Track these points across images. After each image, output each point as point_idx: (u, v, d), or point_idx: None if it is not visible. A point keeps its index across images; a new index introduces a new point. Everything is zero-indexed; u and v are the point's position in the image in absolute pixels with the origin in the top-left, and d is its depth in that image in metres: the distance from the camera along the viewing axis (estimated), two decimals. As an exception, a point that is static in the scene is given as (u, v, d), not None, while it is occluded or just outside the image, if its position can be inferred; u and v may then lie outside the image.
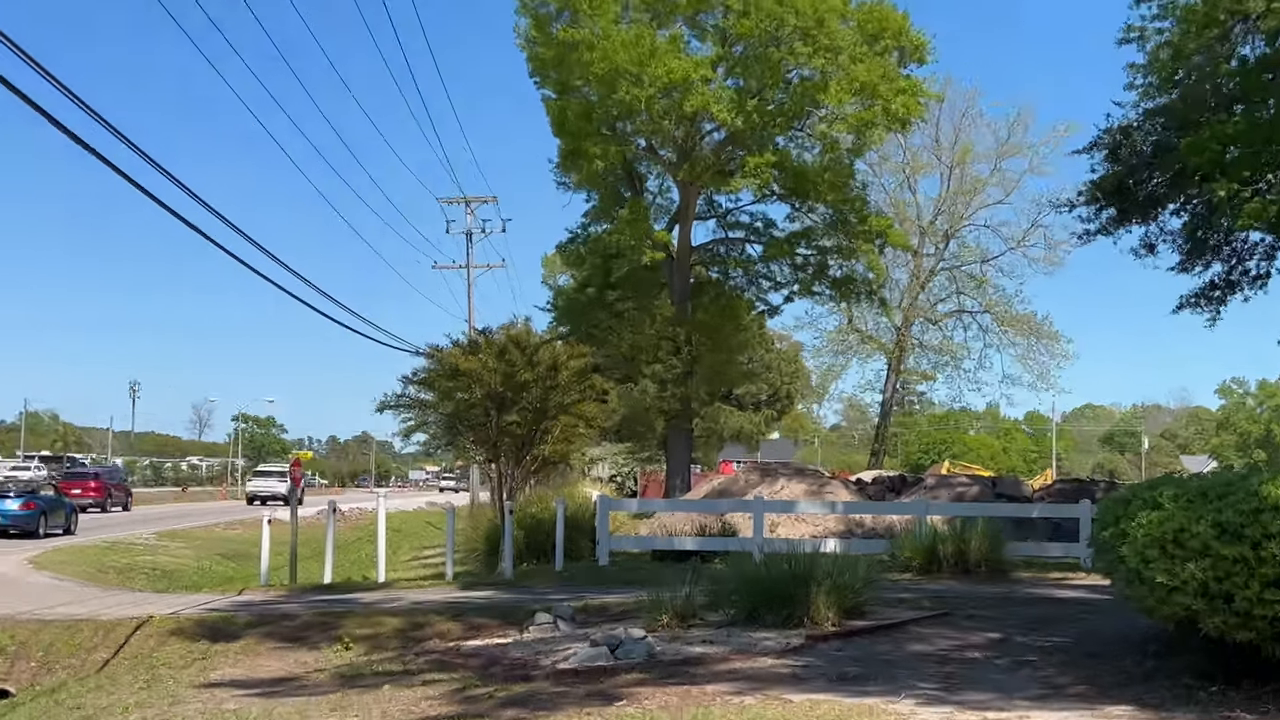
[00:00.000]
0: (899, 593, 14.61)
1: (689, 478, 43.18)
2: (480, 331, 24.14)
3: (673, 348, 42.13)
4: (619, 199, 41.49)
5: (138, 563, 28.35)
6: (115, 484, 55.94)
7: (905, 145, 58.06)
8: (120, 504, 53.35)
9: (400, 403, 23.63)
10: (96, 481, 52.49)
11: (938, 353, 62.56)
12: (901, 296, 60.35)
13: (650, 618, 12.08)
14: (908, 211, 59.81)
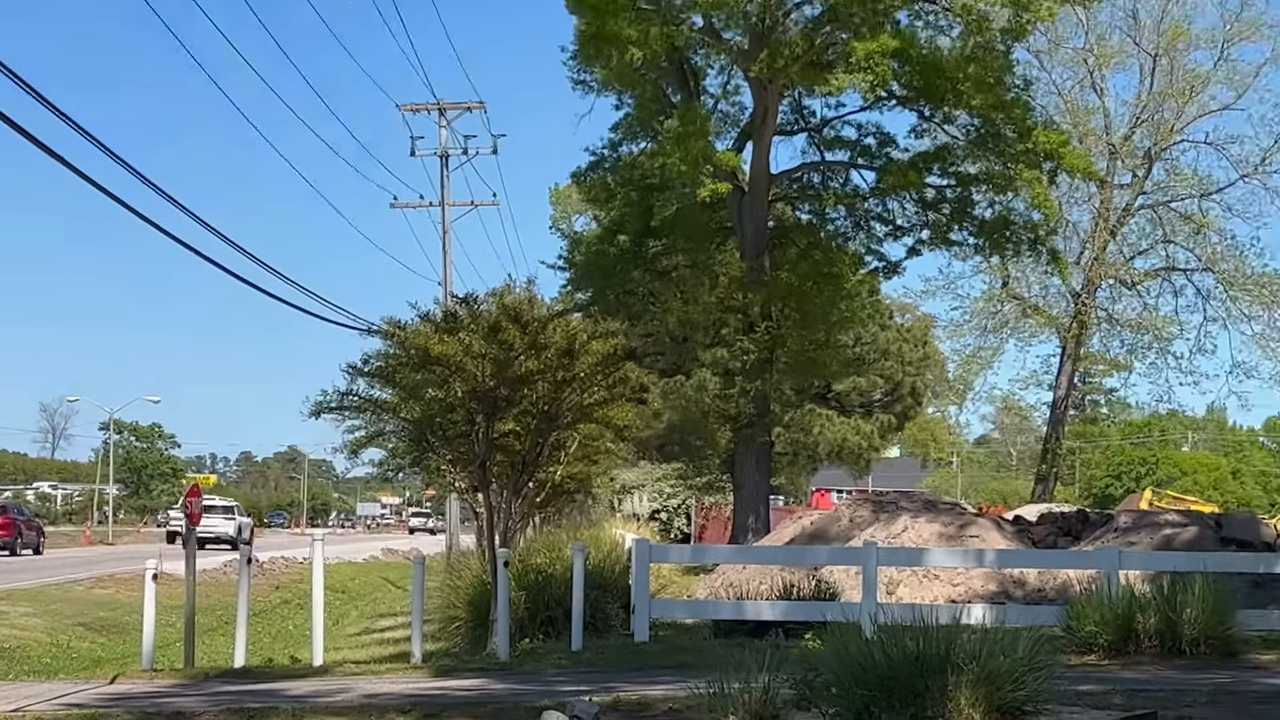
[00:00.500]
0: (1078, 683, 14.52)
1: (767, 514, 43.16)
2: (461, 300, 24.02)
3: (743, 323, 42.07)
4: (664, 105, 41.42)
5: (-36, 636, 28.65)
6: (25, 520, 59.48)
7: (1087, 24, 57.75)
8: (31, 546, 56.40)
9: (345, 404, 23.63)
10: (4, 518, 56.22)
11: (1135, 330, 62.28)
12: (1082, 248, 60.08)
13: (711, 719, 12.06)
14: (1092, 123, 59.51)
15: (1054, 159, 40.70)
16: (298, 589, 47.43)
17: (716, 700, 12.19)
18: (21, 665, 25.94)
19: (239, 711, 14.31)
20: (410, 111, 54.08)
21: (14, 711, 14.71)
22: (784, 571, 24.21)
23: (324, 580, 21.35)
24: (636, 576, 21.69)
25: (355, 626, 38.41)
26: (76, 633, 32.54)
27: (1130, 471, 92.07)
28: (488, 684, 16.58)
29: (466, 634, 23.38)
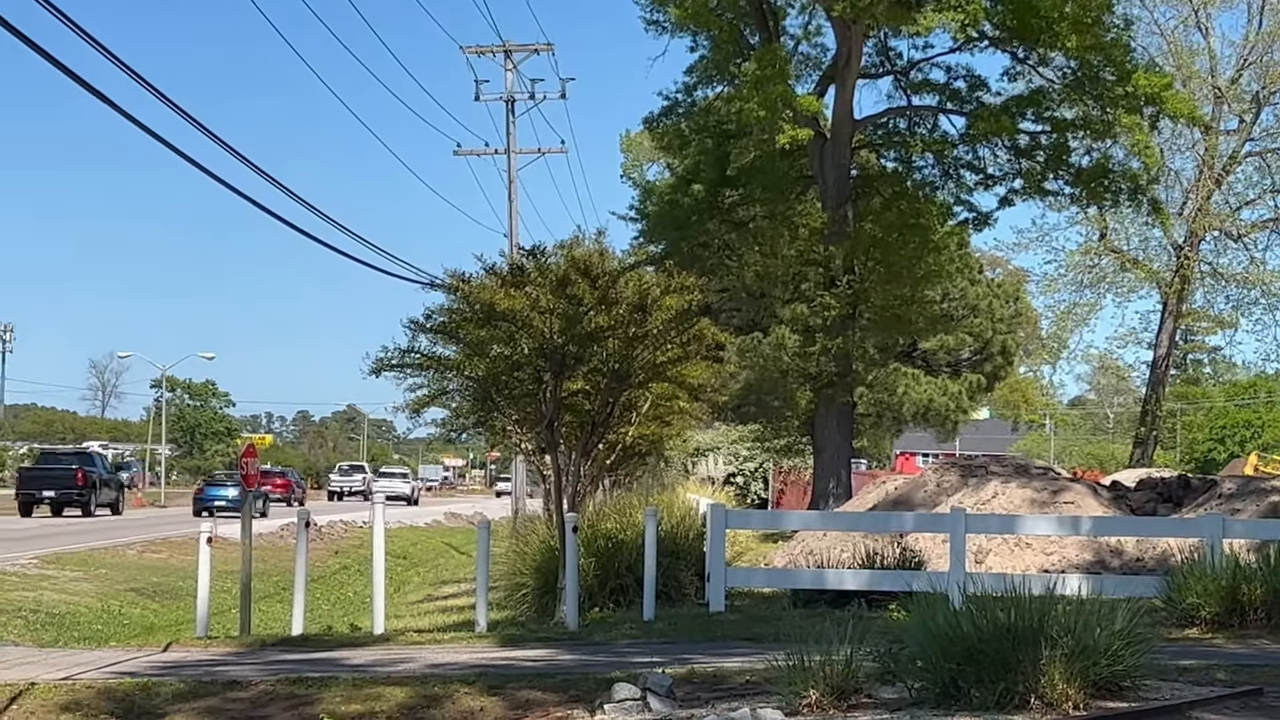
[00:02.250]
0: (1179, 657, 14.43)
1: (849, 479, 43.09)
2: (528, 252, 24.07)
3: (824, 277, 41.96)
4: (741, 47, 41.27)
5: (10, 601, 28.98)
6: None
7: (1192, -42, 57.09)
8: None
9: (406, 361, 23.74)
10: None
11: (1241, 285, 61.73)
12: (1185, 198, 59.51)
13: (790, 693, 12.07)
14: (1196, 65, 58.88)
15: (1156, 103, 40.28)
16: (357, 554, 47.80)
17: (795, 673, 12.21)
18: (71, 632, 26.25)
19: (297, 681, 14.42)
20: (475, 54, 54.12)
21: (64, 679, 14.89)
22: (866, 539, 24.18)
23: (385, 545, 21.47)
24: (711, 543, 21.71)
25: (417, 594, 38.66)
26: (128, 598, 32.88)
27: (1234, 435, 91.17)
28: (556, 654, 16.65)
29: (533, 602, 23.48)
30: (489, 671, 14.88)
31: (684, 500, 35.83)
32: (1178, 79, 49.40)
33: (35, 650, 20.29)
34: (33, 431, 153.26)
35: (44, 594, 30.97)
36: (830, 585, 21.37)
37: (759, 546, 36.50)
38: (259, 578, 25.30)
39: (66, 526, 54.18)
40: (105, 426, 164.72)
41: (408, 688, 14.03)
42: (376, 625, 20.59)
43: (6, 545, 41.53)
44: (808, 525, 30.48)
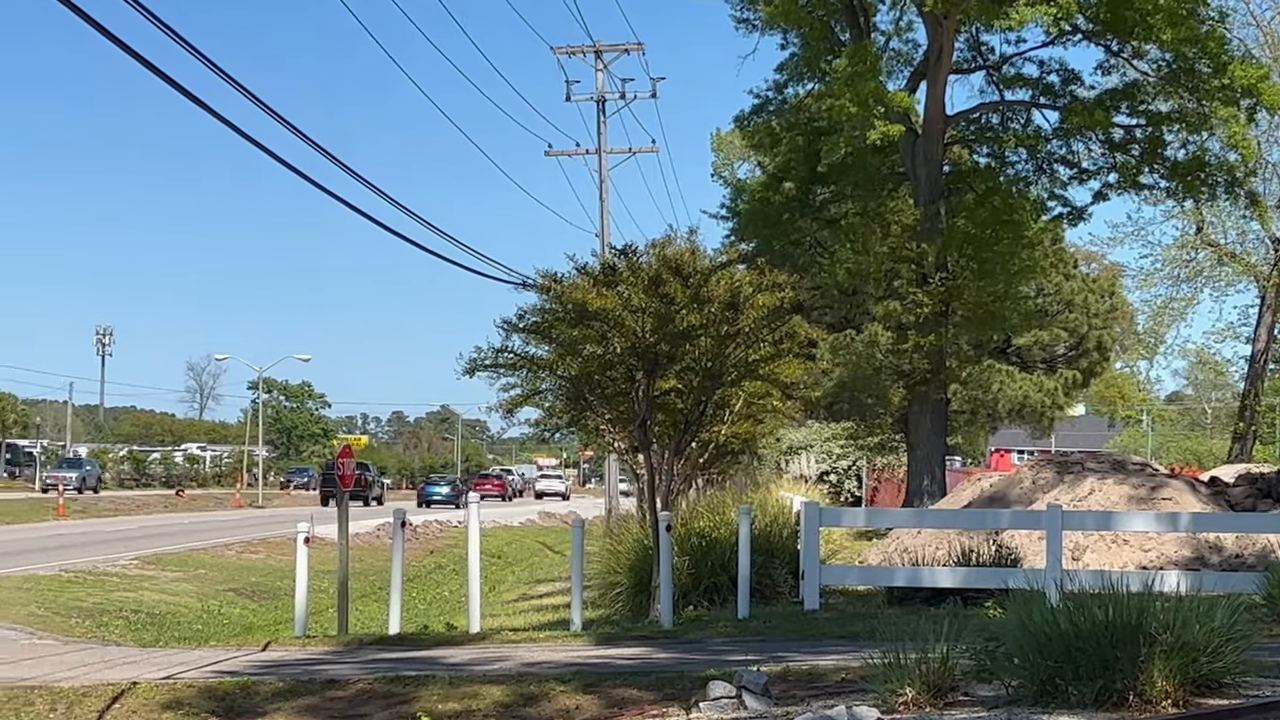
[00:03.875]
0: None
1: (943, 476, 42.89)
2: (620, 252, 24.08)
3: (917, 274, 41.76)
4: (833, 43, 41.14)
5: (112, 602, 29.35)
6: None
7: (1288, -52, 56.40)
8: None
9: (500, 361, 23.83)
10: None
11: (1342, 278, 60.82)
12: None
13: (886, 691, 12.05)
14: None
15: (1252, 95, 39.82)
16: (452, 554, 48.09)
17: (891, 671, 12.18)
18: (171, 632, 26.53)
19: (395, 680, 14.53)
20: (565, 55, 54.19)
21: (165, 679, 15.07)
22: (962, 536, 24.10)
23: (479, 545, 21.58)
24: (805, 541, 21.70)
25: (512, 593, 38.84)
26: (227, 598, 33.22)
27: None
28: (651, 653, 16.69)
29: (627, 601, 23.55)
30: (584, 670, 14.93)
31: (777, 499, 35.76)
32: (1275, 70, 48.76)
33: (136, 650, 20.55)
34: (133, 434, 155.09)
35: (144, 594, 31.34)
36: (925, 583, 21.32)
37: (853, 544, 36.47)
38: (355, 577, 25.49)
39: (163, 527, 54.79)
40: (203, 428, 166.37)
41: (504, 686, 14.10)
42: (472, 624, 20.71)
43: (109, 546, 42.11)
44: (902, 523, 30.41)
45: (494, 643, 18.53)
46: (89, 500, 77.81)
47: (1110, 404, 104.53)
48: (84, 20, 13.14)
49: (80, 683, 14.92)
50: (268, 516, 69.54)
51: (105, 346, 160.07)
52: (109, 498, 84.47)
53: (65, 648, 19.99)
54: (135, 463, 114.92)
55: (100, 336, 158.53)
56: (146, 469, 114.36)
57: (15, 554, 37.88)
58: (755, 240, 44.98)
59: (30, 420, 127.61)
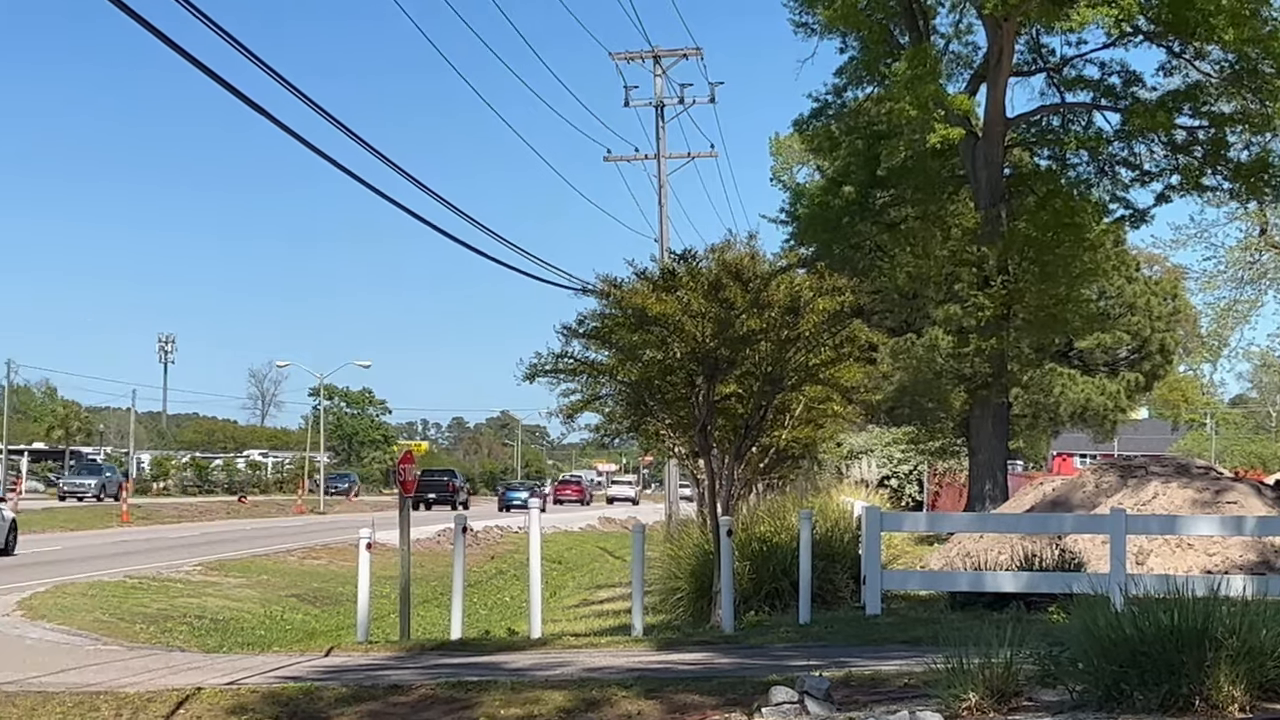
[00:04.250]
0: (1348, 661, 14.18)
1: (1005, 480, 42.71)
2: (679, 256, 24.07)
3: (978, 277, 41.63)
4: (892, 47, 41.07)
5: (176, 608, 29.56)
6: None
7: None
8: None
9: (560, 367, 23.86)
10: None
11: None
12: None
13: (949, 696, 12.00)
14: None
15: (1317, 95, 39.60)
16: (513, 559, 48.23)
17: (955, 676, 12.14)
18: (235, 637, 26.70)
19: (457, 685, 14.57)
20: (624, 60, 54.29)
21: (229, 684, 15.16)
22: (1024, 541, 24.00)
23: (540, 550, 21.62)
24: (867, 546, 21.63)
25: (573, 598, 38.90)
26: (289, 604, 33.41)
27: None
28: (712, 658, 16.68)
29: (688, 606, 23.54)
30: (646, 675, 14.94)
31: (838, 503, 35.73)
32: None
33: (201, 656, 20.71)
34: (195, 440, 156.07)
35: (208, 600, 31.55)
36: (988, 587, 21.22)
37: (914, 549, 36.33)
38: (416, 583, 25.54)
39: (226, 533, 55.14)
40: (265, 434, 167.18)
41: (566, 691, 14.12)
42: (534, 629, 20.76)
43: (172, 552, 42.41)
44: (964, 528, 30.29)
45: (555, 648, 18.56)
46: (152, 506, 78.36)
47: (1173, 407, 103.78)
48: (150, 31, 13.24)
49: (145, 688, 15.03)
50: (329, 523, 69.87)
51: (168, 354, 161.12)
52: (172, 504, 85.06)
53: (130, 653, 20.13)
54: (198, 469, 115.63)
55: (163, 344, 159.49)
56: (209, 475, 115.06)
57: (80, 560, 38.24)
58: (815, 244, 44.90)
59: (94, 427, 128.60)
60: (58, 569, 34.84)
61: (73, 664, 18.05)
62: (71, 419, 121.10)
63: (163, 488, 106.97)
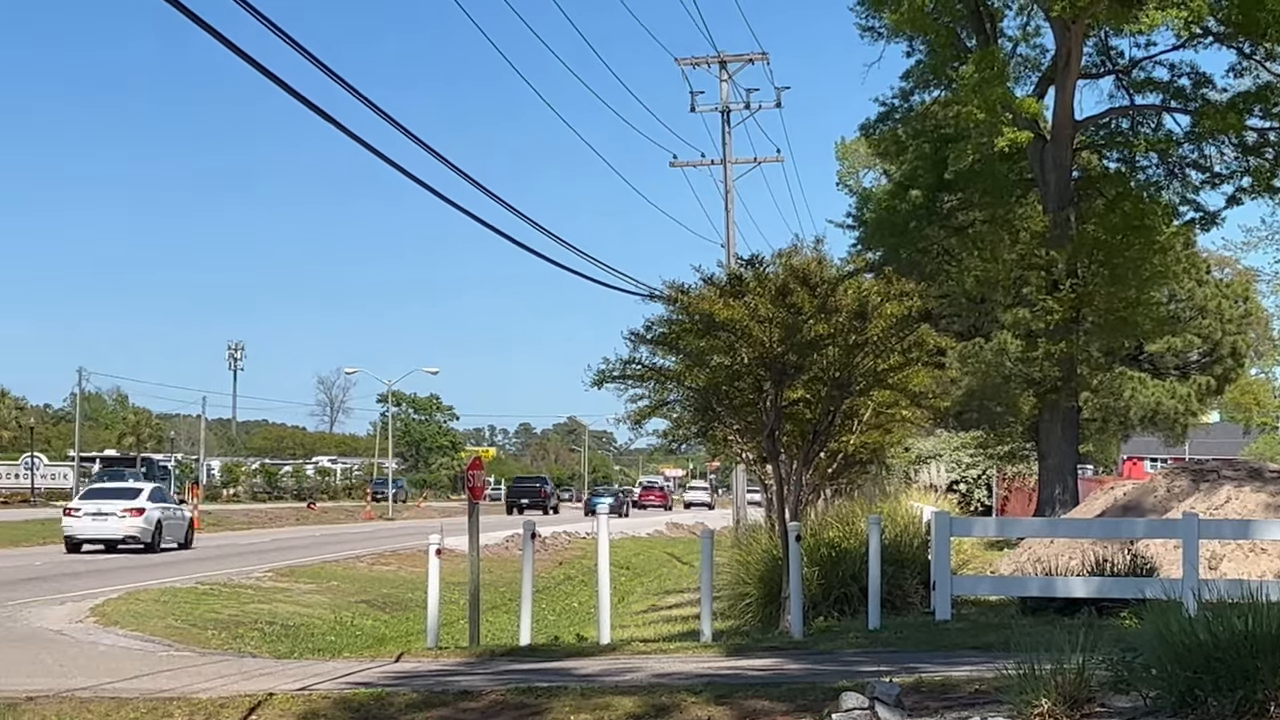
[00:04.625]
0: None
1: (1075, 485, 42.50)
2: (746, 262, 24.06)
3: (1046, 281, 41.44)
4: (959, 50, 40.96)
5: (247, 613, 29.72)
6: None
7: None
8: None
9: (627, 373, 23.90)
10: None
11: None
12: None
13: (1021, 702, 11.95)
14: None
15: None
16: (581, 565, 48.29)
17: (1026, 681, 12.08)
18: (305, 643, 26.84)
19: (527, 690, 14.60)
20: (690, 65, 54.22)
21: (301, 690, 15.24)
22: (1095, 546, 23.89)
23: (609, 556, 21.64)
24: (936, 551, 21.56)
25: (641, 604, 38.92)
26: (359, 610, 33.54)
27: None
28: (782, 664, 16.66)
29: (757, 611, 23.53)
30: (716, 681, 14.93)
31: (906, 508, 35.58)
32: None
33: (272, 661, 20.83)
34: (264, 447, 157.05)
35: (278, 606, 31.72)
36: (1059, 593, 21.12)
37: (984, 554, 36.20)
38: (485, 589, 25.62)
39: (295, 539, 55.45)
40: (333, 441, 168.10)
41: (635, 697, 14.13)
42: (602, 635, 20.76)
43: (243, 558, 42.69)
44: (1034, 533, 30.15)
45: (624, 654, 18.57)
46: (222, 513, 78.93)
47: (1245, 411, 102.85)
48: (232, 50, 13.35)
49: (217, 694, 15.13)
50: (397, 529, 70.18)
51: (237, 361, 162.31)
52: (242, 510, 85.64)
53: (202, 659, 20.27)
54: (267, 475, 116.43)
55: (232, 351, 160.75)
56: (278, 482, 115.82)
57: (152, 567, 38.56)
58: (882, 249, 44.89)
59: (165, 434, 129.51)
60: (130, 575, 35.13)
61: (146, 670, 18.17)
62: (142, 426, 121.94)
63: (233, 494, 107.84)
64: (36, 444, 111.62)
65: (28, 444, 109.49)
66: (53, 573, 35.84)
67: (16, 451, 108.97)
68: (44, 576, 34.63)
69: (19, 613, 26.11)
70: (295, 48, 14.98)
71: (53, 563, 39.66)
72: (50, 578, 34.26)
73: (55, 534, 49.40)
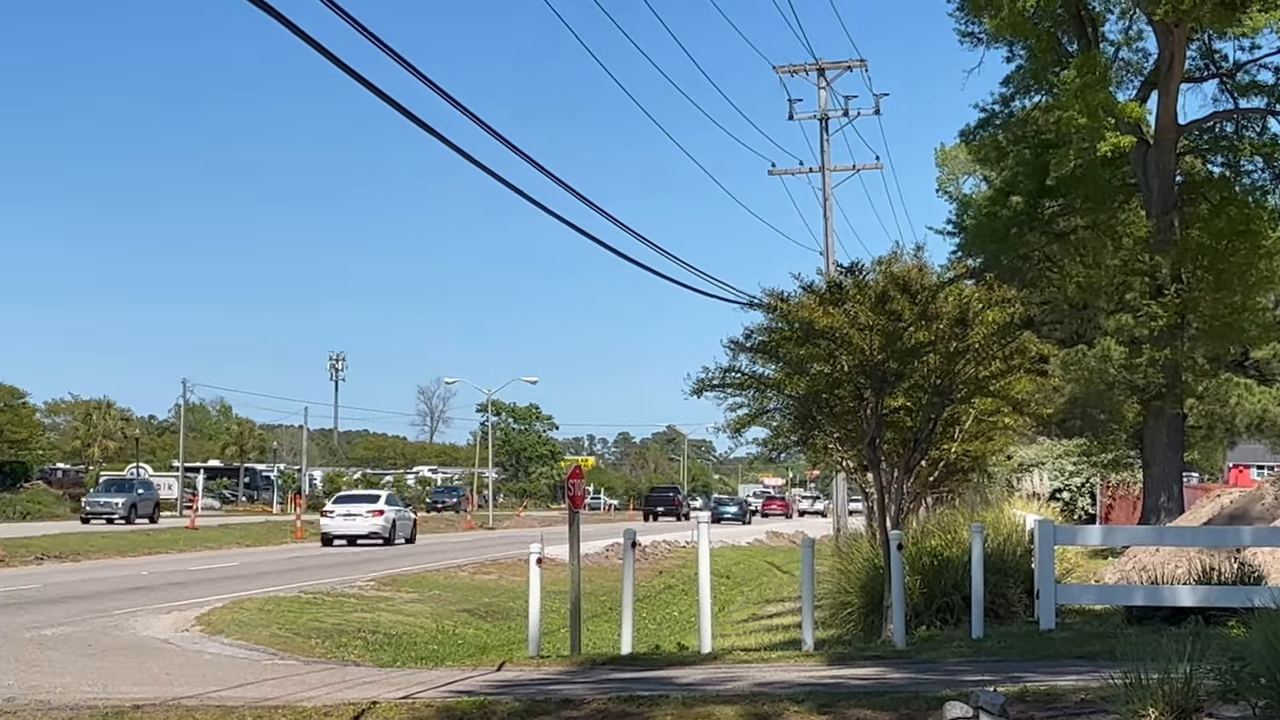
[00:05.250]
0: None
1: (1180, 493, 42.10)
2: (846, 270, 24.01)
3: (1150, 287, 41.12)
4: (1060, 55, 40.77)
5: (350, 623, 29.90)
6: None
7: None
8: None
9: (727, 381, 23.91)
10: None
11: None
12: None
13: (1127, 711, 11.85)
14: None
15: None
16: (681, 574, 48.28)
17: (1133, 691, 11.98)
18: (408, 652, 26.95)
19: (628, 699, 14.61)
20: (787, 74, 54.11)
21: (404, 699, 15.33)
22: (1201, 554, 23.64)
23: (709, 565, 21.63)
24: (1040, 559, 21.40)
25: (741, 613, 38.83)
26: (461, 618, 33.65)
27: None
28: (884, 673, 16.59)
29: (859, 620, 23.45)
30: (818, 690, 14.89)
31: (1009, 517, 35.34)
32: None
33: (375, 670, 20.96)
34: (366, 457, 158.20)
35: (381, 615, 31.89)
36: (1165, 601, 20.90)
37: (1088, 563, 35.89)
38: (585, 598, 25.62)
39: (396, 549, 55.86)
40: (434, 451, 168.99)
41: (737, 706, 14.11)
42: (704, 644, 20.74)
43: (346, 567, 43.00)
44: (1138, 541, 29.89)
45: (725, 663, 18.56)
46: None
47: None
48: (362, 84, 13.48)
49: (322, 702, 15.24)
50: (498, 538, 70.43)
51: (338, 371, 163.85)
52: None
53: (306, 668, 20.42)
54: (369, 485, 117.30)
55: (334, 362, 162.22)
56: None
57: (256, 575, 38.93)
58: (982, 255, 44.70)
59: (268, 445, 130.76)
60: (235, 584, 35.49)
61: (251, 678, 18.34)
62: (246, 437, 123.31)
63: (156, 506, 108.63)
64: (141, 455, 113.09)
65: (133, 455, 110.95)
66: (159, 583, 36.27)
67: (122, 462, 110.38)
68: (150, 586, 35.04)
69: (125, 622, 26.41)
70: (419, 76, 15.10)
71: (181, 571, 40.15)
72: (157, 587, 34.68)
73: (159, 544, 50.12)
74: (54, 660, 20.61)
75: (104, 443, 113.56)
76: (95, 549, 49.57)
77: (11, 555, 43.62)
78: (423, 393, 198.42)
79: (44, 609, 28.68)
